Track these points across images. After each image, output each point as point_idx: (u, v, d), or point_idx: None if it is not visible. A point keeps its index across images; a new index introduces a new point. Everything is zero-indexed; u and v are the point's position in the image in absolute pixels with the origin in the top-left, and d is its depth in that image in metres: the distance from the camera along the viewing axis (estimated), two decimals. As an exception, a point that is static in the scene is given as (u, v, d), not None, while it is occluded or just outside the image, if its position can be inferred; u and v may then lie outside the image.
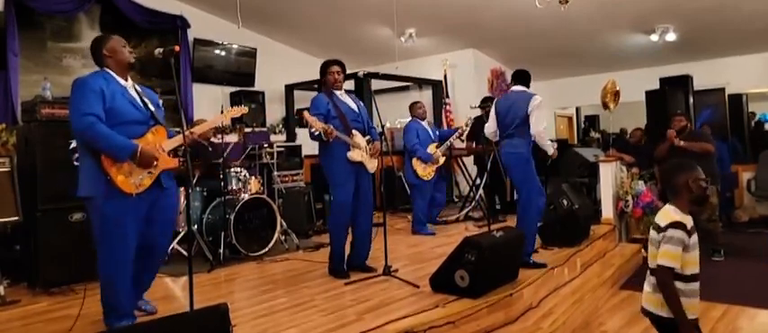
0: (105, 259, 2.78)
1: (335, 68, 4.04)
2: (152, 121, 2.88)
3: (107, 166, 2.70)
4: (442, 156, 5.95)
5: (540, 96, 4.20)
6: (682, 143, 5.44)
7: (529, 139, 4.19)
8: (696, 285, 2.21)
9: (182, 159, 2.92)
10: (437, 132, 6.17)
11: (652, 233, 2.29)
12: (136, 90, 2.92)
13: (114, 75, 2.85)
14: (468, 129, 6.19)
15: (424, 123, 6.04)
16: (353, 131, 3.97)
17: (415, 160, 5.82)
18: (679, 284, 2.17)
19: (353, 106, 4.09)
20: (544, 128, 4.18)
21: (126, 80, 2.90)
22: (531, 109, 4.17)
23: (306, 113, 3.83)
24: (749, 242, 6.19)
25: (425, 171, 5.80)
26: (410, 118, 6.10)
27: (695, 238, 2.22)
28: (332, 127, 3.78)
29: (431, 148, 5.86)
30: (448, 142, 5.97)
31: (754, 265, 5.24)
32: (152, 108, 2.91)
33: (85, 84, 2.73)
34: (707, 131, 7.01)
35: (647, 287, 2.29)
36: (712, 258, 5.38)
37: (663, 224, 2.21)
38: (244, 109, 3.44)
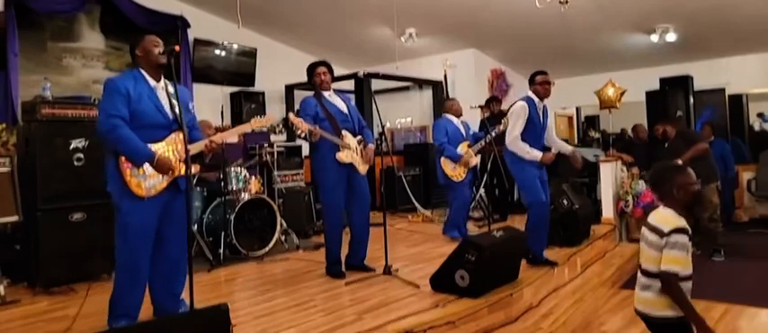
0: (117, 255, 2.81)
1: (322, 69, 4.01)
2: (175, 126, 2.88)
3: (123, 166, 2.74)
4: (475, 155, 5.47)
5: (521, 102, 4.16)
6: (680, 161, 5.36)
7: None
8: (689, 285, 2.20)
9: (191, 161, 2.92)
10: (472, 131, 5.73)
11: (648, 235, 2.22)
12: (167, 91, 2.92)
13: (145, 75, 2.88)
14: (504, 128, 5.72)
15: (457, 120, 5.60)
16: (343, 133, 3.95)
17: (443, 160, 5.41)
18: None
19: (343, 107, 4.06)
20: (514, 137, 4.10)
21: (158, 81, 2.91)
22: (508, 116, 4.24)
23: (291, 115, 3.80)
24: (749, 242, 6.19)
25: (455, 171, 5.37)
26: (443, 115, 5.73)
27: (690, 240, 2.21)
28: (317, 128, 3.77)
29: (462, 147, 5.43)
30: (481, 142, 5.44)
31: (755, 265, 5.23)
32: (178, 111, 2.89)
33: (113, 84, 2.79)
34: (706, 131, 7.02)
35: (637, 288, 2.26)
36: (713, 258, 5.36)
37: (666, 229, 2.15)
38: (272, 118, 3.36)
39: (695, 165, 5.11)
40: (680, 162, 5.25)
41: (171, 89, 2.94)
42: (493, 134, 5.18)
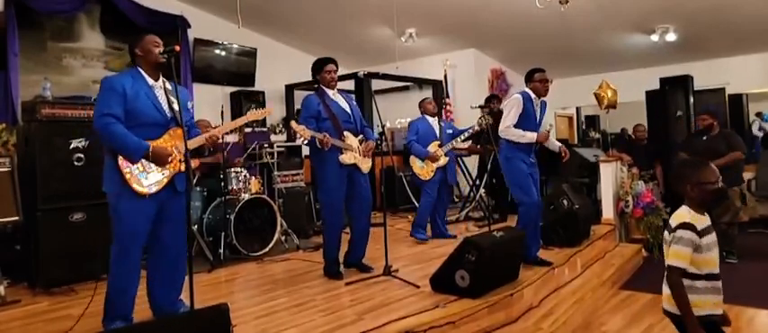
0: (114, 256, 2.80)
1: (331, 67, 3.99)
2: (173, 124, 2.89)
3: (123, 165, 2.74)
4: (444, 155, 5.46)
5: (517, 95, 4.20)
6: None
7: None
8: (716, 284, 2.19)
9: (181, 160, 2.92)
10: (450, 130, 5.75)
11: (665, 233, 2.29)
12: (166, 89, 2.92)
13: (144, 74, 2.88)
14: (480, 129, 5.49)
15: (432, 120, 5.66)
16: (345, 133, 3.94)
17: (411, 158, 5.51)
18: (694, 281, 2.16)
19: (346, 106, 4.04)
20: (507, 126, 4.14)
21: (156, 80, 2.91)
22: (503, 107, 4.23)
23: (293, 123, 3.78)
24: (749, 242, 6.18)
25: (422, 169, 5.44)
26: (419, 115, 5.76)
27: (710, 238, 2.20)
28: (327, 136, 3.75)
29: (432, 147, 5.47)
30: (452, 142, 5.54)
31: (755, 266, 5.23)
32: (177, 108, 2.90)
33: (109, 83, 2.79)
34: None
35: (665, 287, 2.27)
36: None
37: (674, 224, 2.21)
38: (269, 110, 3.39)
39: (726, 171, 5.08)
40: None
41: (169, 86, 2.95)
42: (477, 128, 5.26)
